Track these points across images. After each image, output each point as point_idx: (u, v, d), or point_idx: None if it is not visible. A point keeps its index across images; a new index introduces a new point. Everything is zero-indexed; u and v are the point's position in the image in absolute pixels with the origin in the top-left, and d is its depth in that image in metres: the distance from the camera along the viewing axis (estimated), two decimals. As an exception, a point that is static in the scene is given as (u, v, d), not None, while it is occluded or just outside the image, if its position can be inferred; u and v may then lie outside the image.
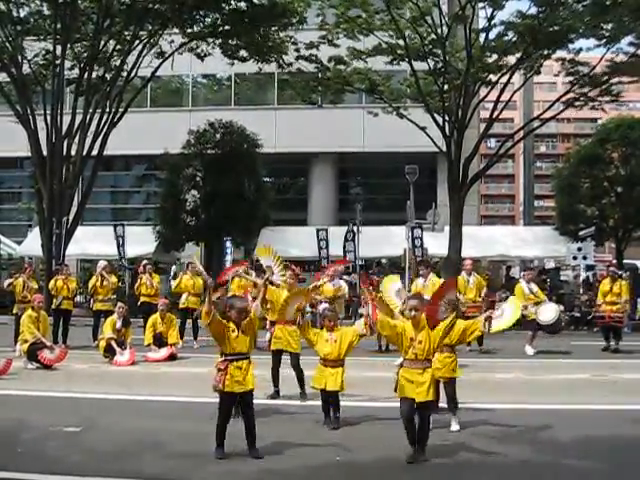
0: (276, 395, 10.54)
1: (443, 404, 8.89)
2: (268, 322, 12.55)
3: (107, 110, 26.49)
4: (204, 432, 7.68)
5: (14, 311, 17.44)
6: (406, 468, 7.18)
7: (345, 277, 20.62)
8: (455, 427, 8.55)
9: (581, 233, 27.12)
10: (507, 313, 8.26)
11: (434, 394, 7.63)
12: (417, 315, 7.53)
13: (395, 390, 7.57)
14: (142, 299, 18.89)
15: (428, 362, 7.48)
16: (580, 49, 24.38)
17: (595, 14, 22.48)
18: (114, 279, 18.66)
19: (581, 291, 26.24)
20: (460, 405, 9.12)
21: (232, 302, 7.84)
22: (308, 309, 12.89)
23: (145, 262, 19.85)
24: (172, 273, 23.58)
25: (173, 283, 19.77)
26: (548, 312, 16.86)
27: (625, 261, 28.62)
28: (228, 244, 27.11)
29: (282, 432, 8.45)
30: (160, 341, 15.66)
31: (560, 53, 24.82)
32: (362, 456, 7.58)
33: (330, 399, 9.06)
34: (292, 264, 12.38)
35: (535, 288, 17.36)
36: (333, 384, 9.01)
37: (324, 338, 9.21)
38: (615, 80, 25.00)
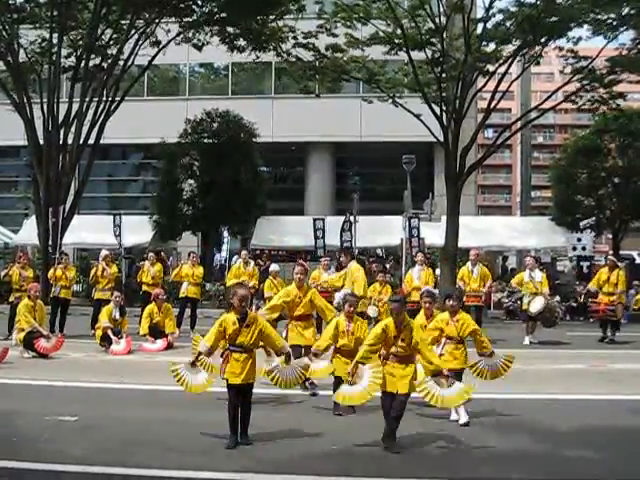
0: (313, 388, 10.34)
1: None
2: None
3: (104, 99, 26.38)
4: (199, 421, 7.68)
5: (10, 299, 17.43)
6: (402, 457, 7.19)
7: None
8: (464, 419, 8.51)
9: (582, 223, 27.10)
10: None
11: (414, 387, 7.69)
12: (400, 315, 7.60)
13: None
14: (144, 288, 18.85)
15: (411, 357, 7.63)
16: (580, 38, 24.19)
17: (595, 4, 22.36)
18: (114, 269, 18.66)
19: (577, 281, 26.24)
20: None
21: (234, 290, 7.88)
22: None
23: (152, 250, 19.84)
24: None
25: (173, 272, 19.73)
26: (536, 304, 16.81)
27: (621, 252, 28.63)
28: (225, 233, 27.06)
29: (280, 421, 8.46)
30: (157, 331, 15.65)
31: (559, 43, 24.68)
32: (358, 445, 7.58)
33: None
34: (299, 258, 12.27)
35: (539, 278, 17.16)
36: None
37: (342, 329, 9.22)
38: (614, 77, 24.73)
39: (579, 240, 25.33)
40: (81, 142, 25.98)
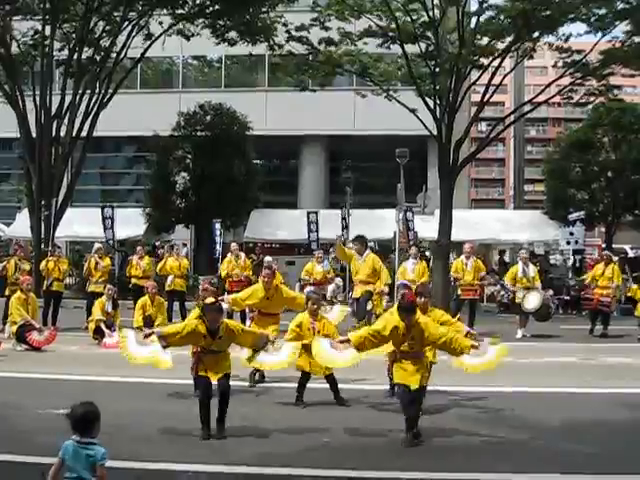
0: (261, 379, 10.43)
1: (433, 387, 8.92)
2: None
3: (97, 91, 26.30)
4: (194, 414, 7.67)
5: (6, 293, 17.39)
6: (395, 450, 7.20)
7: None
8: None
9: (571, 217, 27.14)
10: (489, 354, 8.15)
11: (426, 379, 7.78)
12: (411, 318, 7.58)
13: (390, 378, 7.66)
14: (133, 281, 18.89)
15: (420, 354, 7.64)
16: (570, 34, 24.19)
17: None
18: (107, 262, 18.63)
19: (570, 275, 26.29)
20: (450, 389, 9.16)
21: (209, 308, 7.84)
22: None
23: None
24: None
25: (158, 265, 19.71)
26: (532, 299, 16.88)
27: (614, 246, 28.70)
28: (217, 226, 27.02)
29: (271, 415, 8.46)
30: (149, 324, 15.62)
31: (552, 38, 24.62)
32: (350, 439, 7.60)
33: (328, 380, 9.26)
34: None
35: (532, 272, 17.29)
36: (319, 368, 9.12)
37: (306, 326, 9.26)
38: (609, 71, 24.69)
39: (571, 234, 25.36)
40: (74, 135, 25.90)
